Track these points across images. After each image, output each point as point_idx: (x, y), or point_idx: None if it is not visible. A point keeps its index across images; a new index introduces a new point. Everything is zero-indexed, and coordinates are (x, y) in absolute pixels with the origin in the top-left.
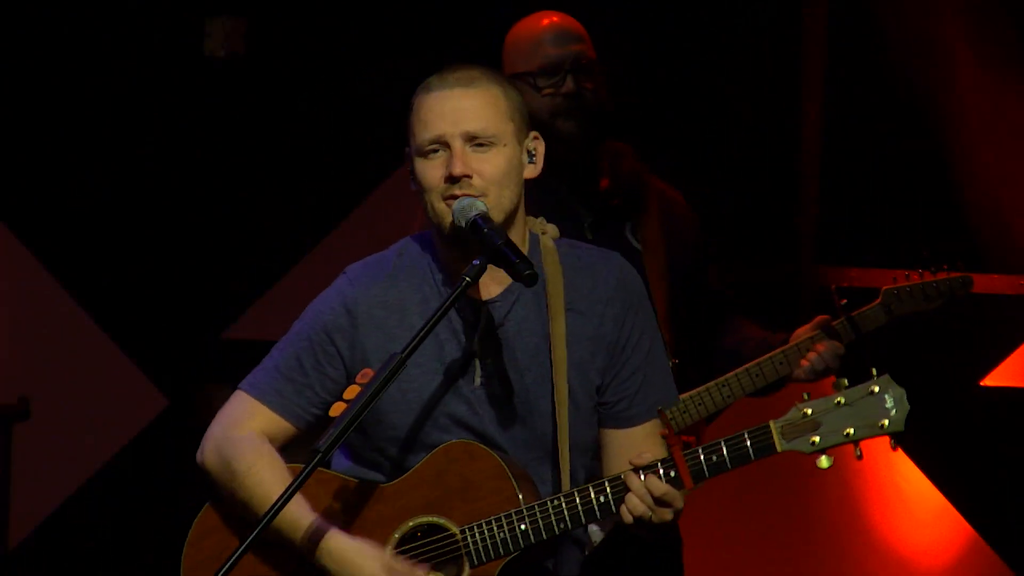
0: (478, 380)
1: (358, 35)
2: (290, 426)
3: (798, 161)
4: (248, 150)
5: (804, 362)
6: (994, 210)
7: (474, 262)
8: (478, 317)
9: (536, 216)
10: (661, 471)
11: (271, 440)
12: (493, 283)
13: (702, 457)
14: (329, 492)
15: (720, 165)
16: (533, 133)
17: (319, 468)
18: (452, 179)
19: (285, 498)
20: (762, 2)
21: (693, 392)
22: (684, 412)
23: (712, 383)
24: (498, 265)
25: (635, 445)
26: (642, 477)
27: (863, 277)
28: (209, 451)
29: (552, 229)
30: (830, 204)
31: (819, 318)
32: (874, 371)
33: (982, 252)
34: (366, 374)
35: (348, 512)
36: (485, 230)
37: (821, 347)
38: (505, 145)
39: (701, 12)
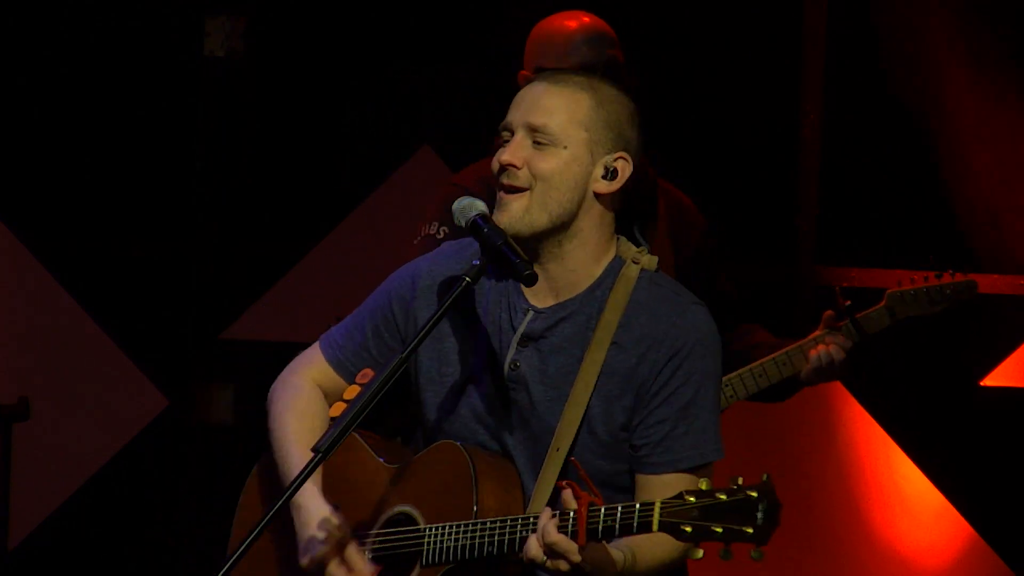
0: (501, 382)
1: (358, 35)
2: (343, 381)
3: (798, 161)
4: (248, 150)
5: (812, 352)
6: (991, 211)
7: (474, 262)
8: (523, 321)
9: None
10: (568, 521)
11: (326, 392)
12: (549, 294)
13: (600, 520)
14: (347, 459)
15: (720, 165)
16: (620, 154)
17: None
18: (500, 168)
19: (289, 493)
20: (762, 2)
21: None
22: None
23: None
24: (498, 265)
25: (651, 493)
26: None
27: (863, 277)
28: (271, 390)
29: (648, 260)
30: (830, 204)
31: (826, 314)
32: (765, 476)
33: (980, 253)
34: (366, 374)
35: (352, 483)
36: (485, 230)
37: (827, 343)
38: (566, 148)
39: (701, 12)
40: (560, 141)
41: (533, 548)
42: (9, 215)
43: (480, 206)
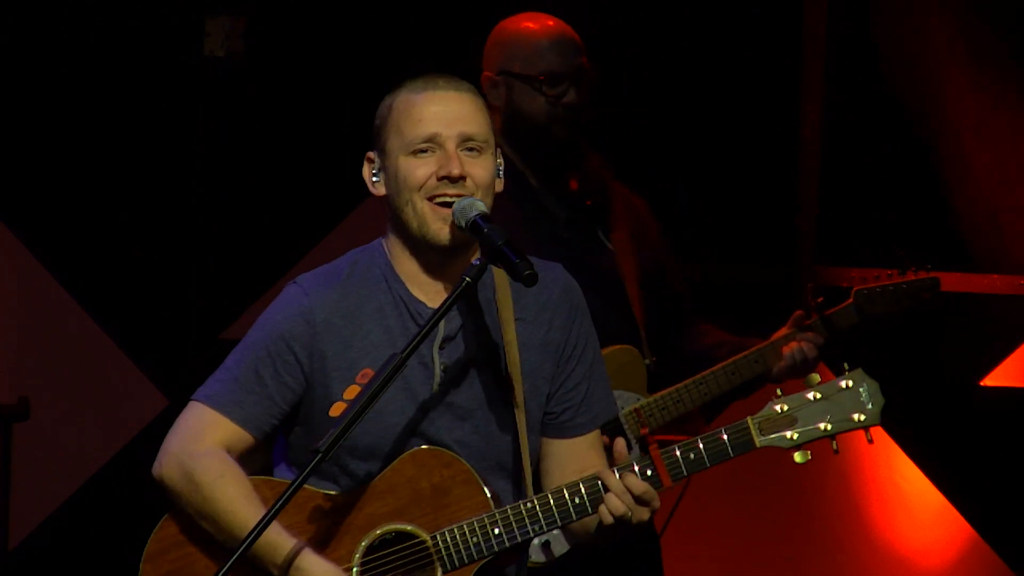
0: (435, 388)
1: (358, 35)
2: (250, 437)
3: (798, 161)
4: (248, 150)
5: (785, 350)
6: (990, 211)
7: (474, 262)
8: (435, 326)
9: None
10: (638, 470)
11: (231, 452)
12: (444, 292)
13: (679, 454)
14: (293, 503)
15: (720, 165)
16: (499, 150)
17: (274, 479)
18: (450, 179)
19: (275, 511)
20: (762, 2)
21: (671, 389)
22: (663, 409)
23: (690, 380)
24: (498, 265)
25: (578, 456)
26: (618, 476)
27: (863, 277)
28: (169, 466)
29: None
30: (830, 204)
31: (795, 314)
32: (846, 365)
33: (980, 253)
34: (366, 374)
35: (313, 522)
36: (486, 230)
37: (799, 340)
38: (491, 153)
39: (701, 12)
40: (487, 147)
41: (619, 506)
42: (9, 215)
43: (480, 206)
